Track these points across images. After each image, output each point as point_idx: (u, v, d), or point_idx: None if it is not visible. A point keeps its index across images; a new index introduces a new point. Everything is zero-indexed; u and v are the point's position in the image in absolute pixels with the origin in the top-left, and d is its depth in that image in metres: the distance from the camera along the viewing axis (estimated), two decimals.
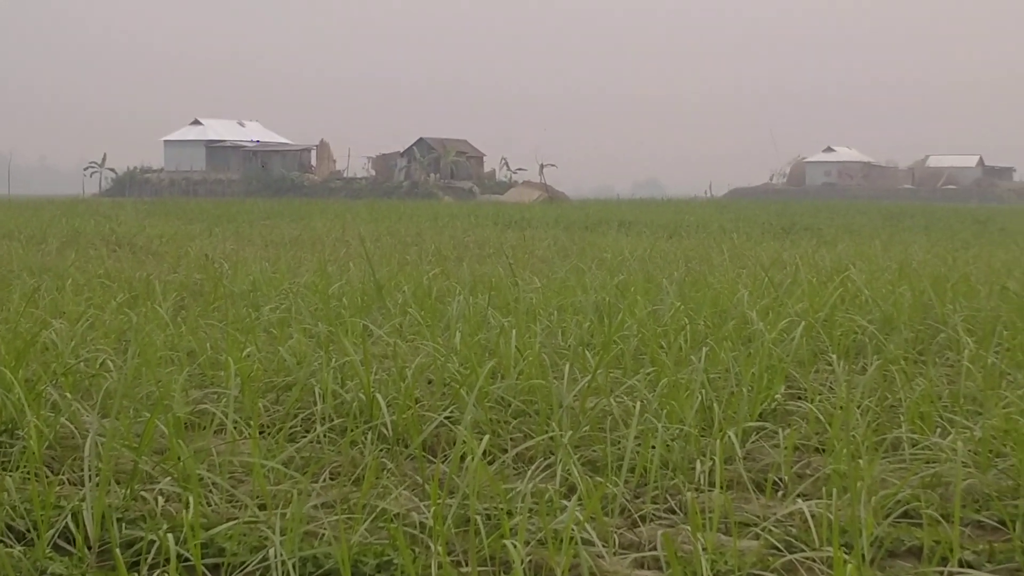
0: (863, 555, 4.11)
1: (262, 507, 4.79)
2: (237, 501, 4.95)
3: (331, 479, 5.35)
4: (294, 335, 8.24)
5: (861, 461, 4.95)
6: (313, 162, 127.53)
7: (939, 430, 6.00)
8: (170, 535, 4.02)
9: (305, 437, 5.84)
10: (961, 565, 4.24)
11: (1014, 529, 4.60)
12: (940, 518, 4.55)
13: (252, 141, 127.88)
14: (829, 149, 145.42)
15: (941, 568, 4.21)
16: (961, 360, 7.13)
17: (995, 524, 4.77)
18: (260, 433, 5.96)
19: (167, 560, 4.08)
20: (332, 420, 6.14)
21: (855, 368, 7.66)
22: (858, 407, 6.09)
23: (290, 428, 6.04)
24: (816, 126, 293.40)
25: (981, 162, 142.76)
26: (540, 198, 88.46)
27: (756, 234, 28.02)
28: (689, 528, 4.53)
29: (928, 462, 5.36)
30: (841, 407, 5.88)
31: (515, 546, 3.93)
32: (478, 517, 4.35)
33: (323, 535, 4.45)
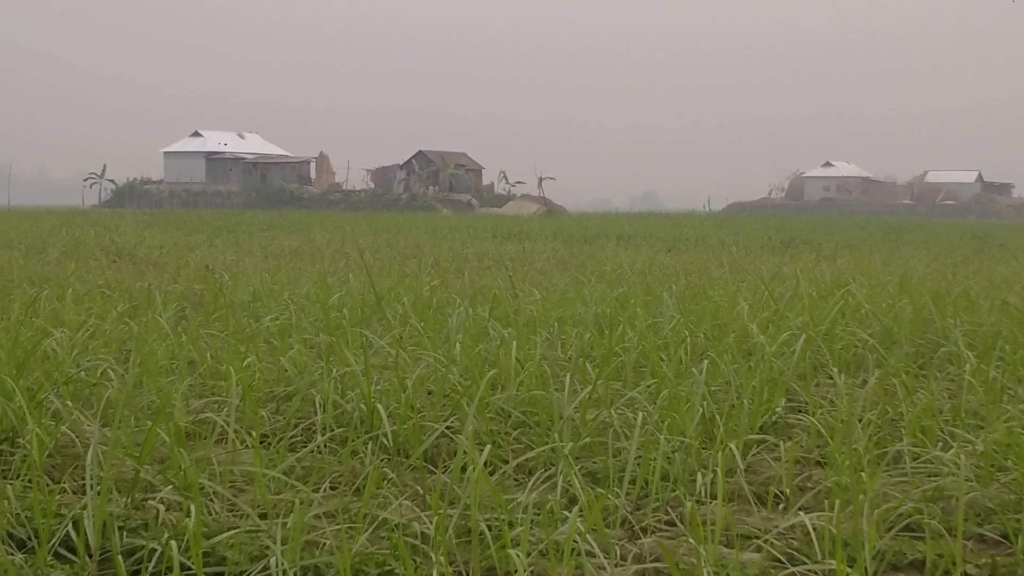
0: (866, 568, 4.10)
1: (263, 516, 4.78)
2: (238, 510, 4.94)
3: (331, 489, 5.34)
4: (294, 345, 8.24)
5: (863, 474, 4.94)
6: (312, 174, 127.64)
7: (940, 444, 6.00)
8: (174, 543, 4.01)
9: (305, 447, 5.83)
10: None
11: (1016, 543, 4.59)
12: (944, 531, 4.55)
13: (251, 153, 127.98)
14: (828, 164, 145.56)
15: None
16: (962, 374, 7.12)
17: (997, 538, 4.77)
18: (261, 443, 5.95)
19: (168, 569, 4.07)
20: (333, 430, 6.14)
21: (856, 382, 7.65)
22: (859, 420, 6.08)
23: (291, 438, 6.03)
24: (815, 144, 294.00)
25: (980, 178, 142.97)
26: (539, 211, 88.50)
27: (755, 248, 28.02)
28: (690, 540, 4.52)
29: (930, 476, 5.35)
30: (843, 420, 5.87)
31: (519, 556, 3.92)
32: (479, 527, 4.34)
33: (324, 544, 4.44)
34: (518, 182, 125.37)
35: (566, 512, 4.75)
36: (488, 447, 5.03)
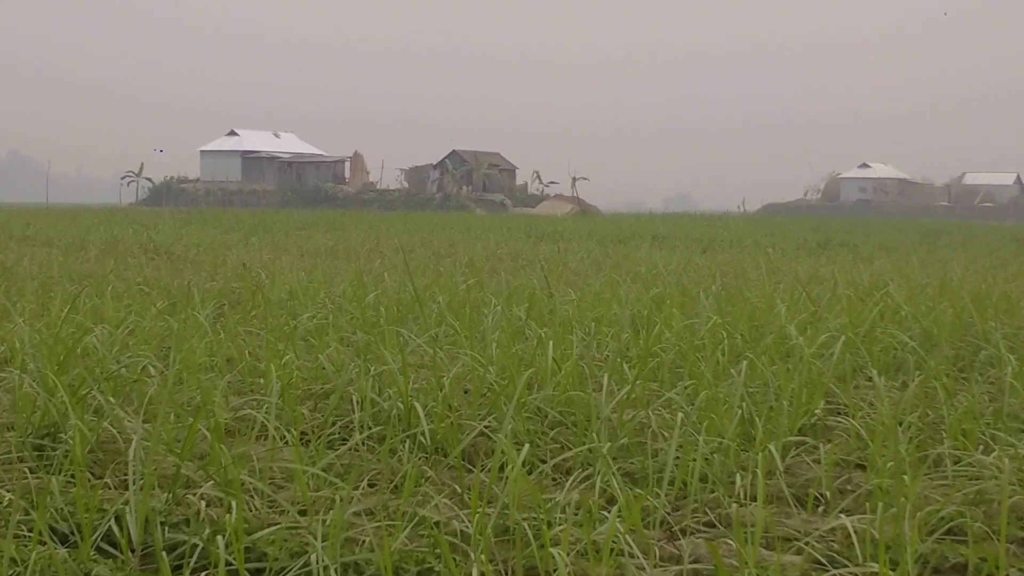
0: (908, 571, 4.07)
1: (303, 513, 4.79)
2: (278, 507, 4.96)
3: (370, 487, 5.36)
4: (332, 343, 8.26)
5: (905, 477, 4.91)
6: (347, 173, 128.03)
7: (982, 447, 5.96)
8: (220, 538, 4.03)
9: (343, 445, 5.85)
10: None
11: None
12: (989, 533, 4.52)
13: (286, 152, 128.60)
14: (864, 165, 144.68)
15: None
16: (1004, 377, 7.06)
17: None
18: (299, 440, 5.97)
19: (210, 564, 4.10)
20: (370, 428, 6.15)
21: (895, 384, 7.61)
22: (900, 423, 6.03)
23: (328, 435, 6.05)
24: (851, 143, 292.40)
25: (1019, 180, 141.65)
26: (572, 211, 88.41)
27: (791, 250, 27.89)
28: (729, 541, 4.51)
29: (972, 479, 5.31)
30: (883, 423, 5.83)
31: (561, 556, 3.91)
32: (522, 526, 4.34)
33: (364, 542, 4.45)
34: (551, 182, 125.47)
35: (604, 512, 4.74)
36: (527, 446, 5.04)
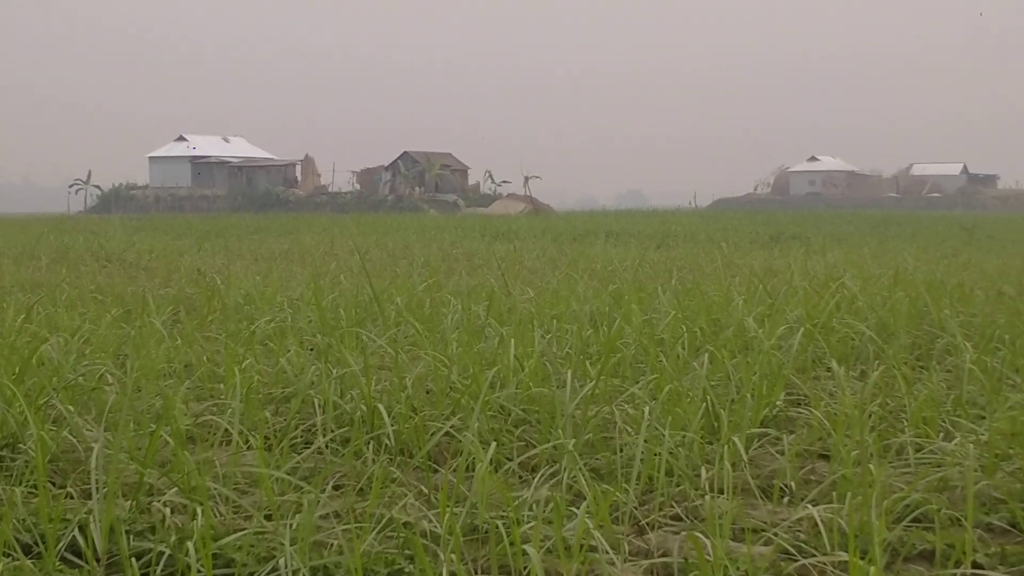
0: (876, 559, 4.09)
1: (268, 517, 4.75)
2: (243, 512, 4.92)
3: (335, 489, 5.32)
4: (291, 347, 8.21)
5: (871, 466, 4.94)
6: (298, 177, 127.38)
7: (942, 434, 6.01)
8: (191, 545, 3.99)
9: (307, 448, 5.80)
10: (975, 567, 4.23)
11: None
12: (954, 519, 4.55)
13: (236, 157, 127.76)
14: (813, 158, 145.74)
15: (954, 571, 4.20)
16: (961, 365, 7.12)
17: (1005, 527, 4.77)
18: (263, 444, 5.92)
19: (177, 571, 4.05)
20: (334, 431, 6.11)
21: (854, 374, 7.66)
22: (862, 412, 6.07)
23: (292, 439, 6.00)
24: (799, 136, 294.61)
25: (965, 170, 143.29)
26: (525, 210, 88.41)
27: (744, 243, 28.05)
28: (698, 534, 4.51)
29: (935, 466, 5.35)
30: (846, 412, 5.87)
31: (534, 552, 3.90)
32: (495, 524, 4.32)
33: (332, 545, 4.42)
34: (504, 181, 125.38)
35: (573, 509, 4.73)
36: (493, 445, 5.02)
